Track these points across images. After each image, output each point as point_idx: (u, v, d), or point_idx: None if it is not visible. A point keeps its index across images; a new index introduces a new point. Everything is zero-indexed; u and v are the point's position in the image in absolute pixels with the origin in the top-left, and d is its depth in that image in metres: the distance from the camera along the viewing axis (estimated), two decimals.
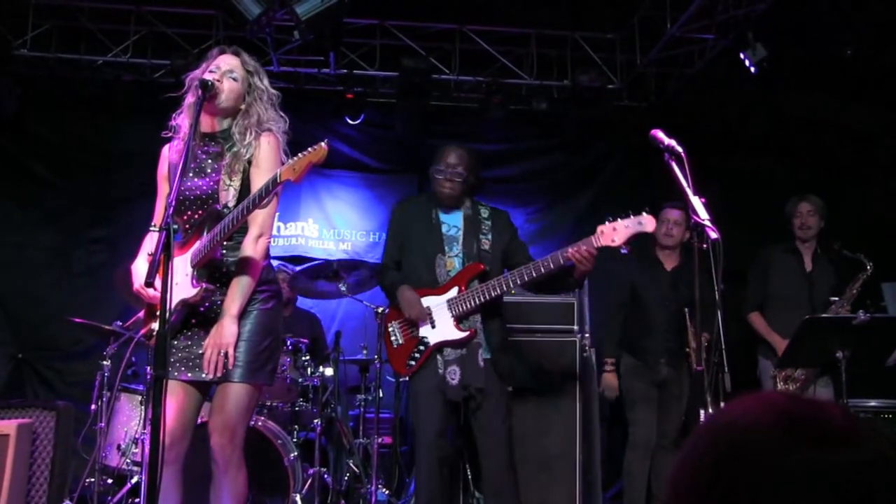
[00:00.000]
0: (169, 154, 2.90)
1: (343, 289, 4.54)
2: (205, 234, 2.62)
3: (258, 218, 2.68)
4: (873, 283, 4.77)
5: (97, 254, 6.07)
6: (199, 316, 2.73)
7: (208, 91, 2.64)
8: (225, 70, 2.73)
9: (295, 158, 2.46)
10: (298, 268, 4.88)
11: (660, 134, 2.89)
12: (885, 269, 5.37)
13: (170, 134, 2.85)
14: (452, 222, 3.52)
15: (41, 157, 6.10)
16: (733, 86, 5.83)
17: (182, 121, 2.81)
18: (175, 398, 2.64)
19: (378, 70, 6.04)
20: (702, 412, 2.83)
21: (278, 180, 2.45)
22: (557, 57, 6.19)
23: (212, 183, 2.72)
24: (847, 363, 3.82)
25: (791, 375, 4.42)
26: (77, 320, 4.66)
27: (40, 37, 5.77)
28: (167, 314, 2.25)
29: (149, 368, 3.93)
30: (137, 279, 2.74)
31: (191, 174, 2.74)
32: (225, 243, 2.68)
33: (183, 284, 2.62)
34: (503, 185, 6.40)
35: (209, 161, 2.76)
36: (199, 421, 2.89)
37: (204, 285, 2.62)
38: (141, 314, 2.91)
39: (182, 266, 2.64)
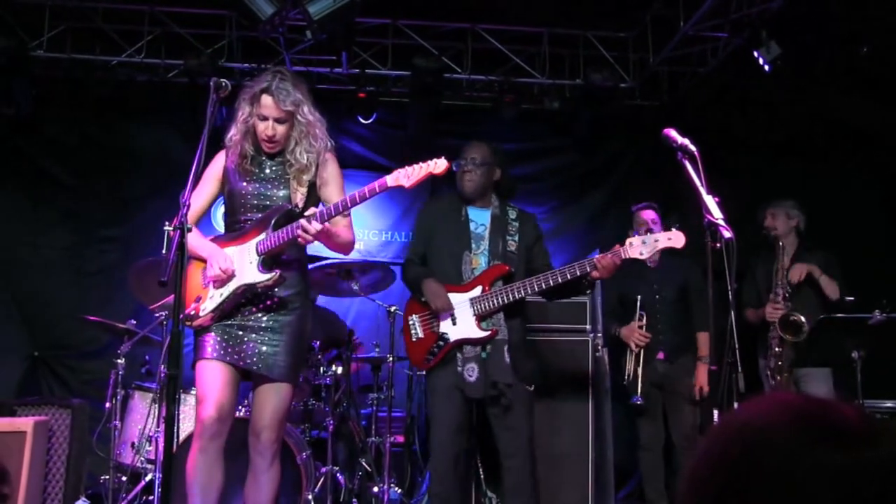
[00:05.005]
0: (227, 161, 3.10)
1: (356, 288, 4.55)
2: (270, 228, 2.84)
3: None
4: (890, 284, 4.73)
5: (110, 253, 6.11)
6: (254, 305, 2.92)
7: (221, 90, 2.75)
8: (272, 121, 2.96)
9: (411, 167, 2.79)
10: (311, 266, 4.88)
11: (673, 133, 2.89)
12: None
13: (228, 149, 3.07)
14: (480, 220, 3.52)
15: (56, 156, 6.15)
16: (747, 84, 5.79)
17: (237, 137, 3.03)
18: (222, 375, 2.85)
19: (390, 69, 6.05)
20: (716, 412, 2.82)
21: (387, 185, 2.75)
22: (570, 56, 6.18)
23: (281, 186, 3.00)
24: (862, 363, 3.79)
25: (779, 366, 4.44)
26: (91, 318, 4.69)
27: (56, 38, 5.81)
28: (178, 312, 2.26)
29: (162, 367, 3.98)
30: (226, 259, 2.89)
31: (249, 178, 3.00)
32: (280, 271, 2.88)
33: (246, 271, 2.85)
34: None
35: (274, 168, 3.04)
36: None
37: (279, 272, 2.83)
38: (170, 298, 3.07)
39: (241, 254, 2.88)
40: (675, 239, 3.12)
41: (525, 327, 3.54)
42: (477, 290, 3.35)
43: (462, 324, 3.34)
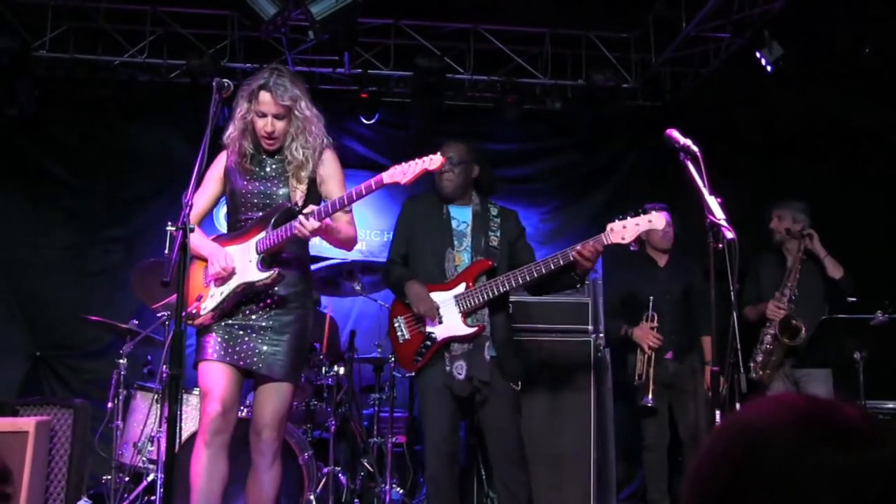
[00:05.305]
0: (227, 161, 3.10)
1: (357, 288, 4.55)
2: (270, 226, 2.85)
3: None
4: (891, 284, 4.73)
5: (112, 253, 6.12)
6: (255, 304, 2.93)
7: (223, 90, 2.76)
8: (271, 117, 2.96)
9: (407, 164, 2.83)
10: (314, 266, 4.89)
11: (675, 133, 2.89)
12: None
13: (227, 147, 3.07)
14: (462, 217, 3.50)
15: (57, 156, 6.15)
16: (749, 85, 5.79)
17: (234, 135, 3.03)
18: (224, 374, 2.86)
19: (392, 70, 6.05)
20: (717, 413, 2.82)
21: (384, 182, 2.78)
22: (572, 56, 6.18)
23: (280, 185, 3.00)
24: (865, 364, 3.79)
25: (767, 361, 4.44)
26: (93, 318, 4.70)
27: (58, 38, 5.82)
28: (181, 312, 2.27)
29: (164, 367, 3.98)
30: (227, 257, 2.89)
31: (250, 177, 3.00)
32: (281, 269, 2.88)
33: (246, 269, 2.87)
34: (517, 185, 6.39)
35: (274, 166, 3.04)
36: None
37: (277, 270, 2.83)
38: (173, 298, 3.07)
39: (242, 253, 2.89)
40: (656, 220, 3.08)
41: (511, 325, 3.52)
42: (461, 287, 3.33)
43: (448, 321, 3.31)
